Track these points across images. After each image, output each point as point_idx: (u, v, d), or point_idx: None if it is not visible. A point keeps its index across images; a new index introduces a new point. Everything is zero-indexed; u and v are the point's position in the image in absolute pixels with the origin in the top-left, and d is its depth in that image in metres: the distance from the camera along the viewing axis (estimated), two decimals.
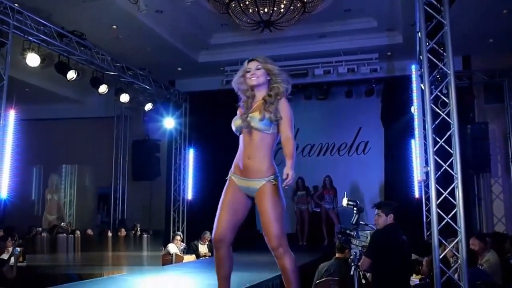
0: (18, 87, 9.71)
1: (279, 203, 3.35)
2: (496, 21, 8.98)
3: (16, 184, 7.53)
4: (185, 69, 11.84)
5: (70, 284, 5.88)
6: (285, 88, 3.45)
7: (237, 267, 7.27)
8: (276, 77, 3.45)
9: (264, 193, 3.38)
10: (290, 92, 3.52)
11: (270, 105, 3.40)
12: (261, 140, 3.51)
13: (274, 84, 3.46)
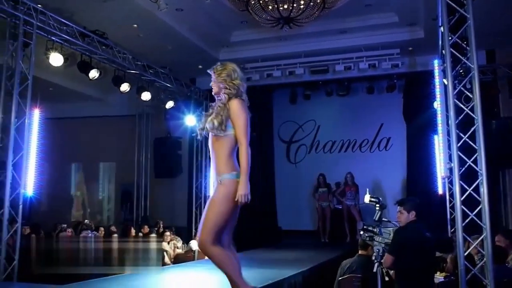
0: (42, 87, 9.87)
1: (216, 204, 3.47)
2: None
3: (41, 181, 7.67)
4: (205, 67, 11.66)
5: (93, 280, 5.96)
6: (229, 93, 3.57)
7: (259, 264, 7.34)
8: (226, 84, 3.62)
9: (214, 192, 3.54)
10: (240, 93, 3.62)
11: (221, 109, 3.54)
12: (217, 142, 3.59)
13: (222, 92, 3.63)
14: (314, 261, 7.42)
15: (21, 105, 7.09)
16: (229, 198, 3.45)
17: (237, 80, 3.62)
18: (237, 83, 3.60)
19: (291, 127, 12.85)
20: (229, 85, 3.58)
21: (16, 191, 6.89)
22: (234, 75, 3.63)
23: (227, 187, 3.47)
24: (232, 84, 3.59)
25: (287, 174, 12.72)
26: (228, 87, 3.59)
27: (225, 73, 3.64)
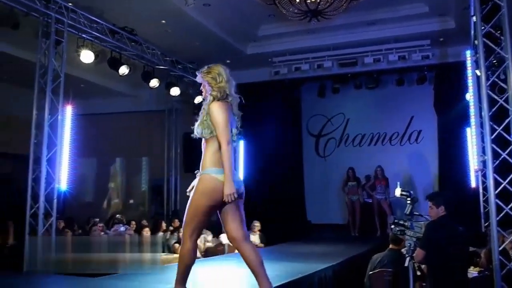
0: (74, 84, 10.04)
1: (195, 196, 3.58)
2: None
3: (74, 176, 7.84)
4: (233, 61, 11.83)
5: (128, 274, 6.06)
6: (214, 96, 3.63)
7: (289, 257, 7.33)
8: (211, 87, 3.70)
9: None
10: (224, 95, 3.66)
11: (205, 113, 3.63)
12: (204, 144, 3.69)
13: (208, 94, 3.72)
14: (344, 255, 7.38)
15: (54, 102, 7.26)
16: (203, 192, 3.55)
17: (222, 83, 3.66)
18: (222, 86, 3.65)
19: (320, 120, 12.77)
20: (214, 88, 3.64)
21: (50, 186, 7.07)
22: (219, 78, 3.68)
23: (202, 182, 3.55)
24: (217, 88, 3.64)
25: (316, 168, 12.66)
26: (213, 90, 3.66)
27: (210, 77, 3.70)
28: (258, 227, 9.88)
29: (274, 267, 6.24)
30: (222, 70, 3.75)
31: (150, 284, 4.97)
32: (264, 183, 12.19)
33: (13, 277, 5.78)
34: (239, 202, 3.66)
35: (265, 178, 12.22)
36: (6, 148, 12.39)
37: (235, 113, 3.72)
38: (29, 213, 6.96)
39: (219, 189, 3.47)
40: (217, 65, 3.81)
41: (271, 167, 12.28)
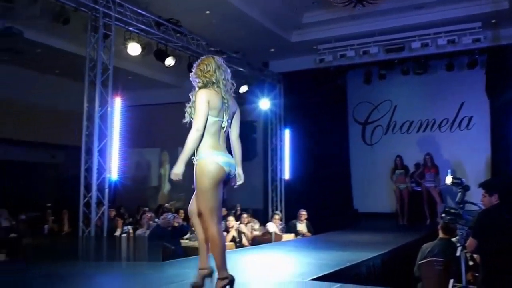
0: (122, 76, 10.28)
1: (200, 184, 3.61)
2: None
3: (124, 166, 8.05)
4: (278, 50, 11.85)
5: (177, 260, 6.19)
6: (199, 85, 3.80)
7: (337, 246, 7.30)
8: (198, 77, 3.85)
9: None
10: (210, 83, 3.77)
11: (192, 101, 3.80)
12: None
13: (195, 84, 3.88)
14: (392, 244, 7.29)
15: (104, 94, 7.45)
16: (203, 176, 3.60)
17: (209, 72, 3.79)
18: (209, 75, 3.78)
19: (366, 108, 12.57)
20: (200, 78, 3.79)
21: (102, 175, 7.28)
22: (206, 68, 3.81)
23: (199, 167, 3.64)
24: (203, 77, 3.78)
25: (362, 156, 12.49)
26: (199, 80, 3.81)
27: (198, 68, 3.85)
28: (305, 216, 9.88)
29: (321, 256, 6.25)
30: (212, 60, 3.88)
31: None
32: (310, 171, 12.15)
33: (69, 264, 5.99)
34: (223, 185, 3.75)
35: (311, 167, 12.18)
36: (59, 139, 12.87)
37: (225, 97, 3.77)
38: (83, 202, 7.21)
39: (217, 169, 3.60)
40: (208, 57, 3.97)
41: (317, 155, 12.21)
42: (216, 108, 3.68)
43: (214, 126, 3.69)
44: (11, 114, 12.11)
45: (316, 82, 12.10)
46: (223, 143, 3.75)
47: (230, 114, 3.80)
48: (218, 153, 3.64)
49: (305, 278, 4.66)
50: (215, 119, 3.68)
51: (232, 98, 3.89)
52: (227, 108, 3.75)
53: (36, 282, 4.56)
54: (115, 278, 4.55)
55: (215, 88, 3.76)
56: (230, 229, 8.69)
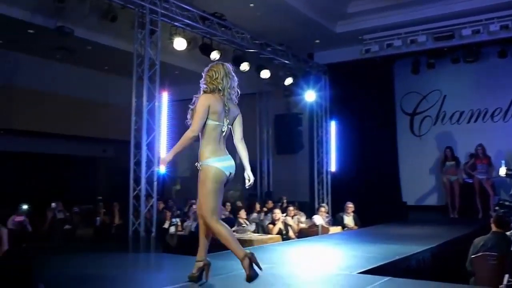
0: (168, 71, 10.44)
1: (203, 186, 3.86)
2: None
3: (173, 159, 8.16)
4: (323, 41, 11.73)
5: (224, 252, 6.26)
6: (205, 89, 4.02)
7: (385, 239, 7.20)
8: (206, 83, 4.05)
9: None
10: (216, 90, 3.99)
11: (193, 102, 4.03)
12: (201, 132, 3.95)
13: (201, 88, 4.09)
14: (443, 238, 7.11)
15: (151, 89, 7.60)
16: (207, 180, 3.85)
17: (217, 80, 4.00)
18: (216, 82, 3.98)
19: (414, 98, 12.28)
20: (208, 84, 4.00)
21: (150, 169, 7.44)
22: (215, 75, 4.03)
23: (203, 172, 3.88)
24: (211, 84, 3.99)
25: (411, 147, 12.22)
26: (206, 85, 4.02)
27: (207, 75, 4.08)
28: (352, 209, 9.78)
29: (369, 249, 6.19)
30: (221, 68, 4.09)
31: None
32: (357, 164, 12.01)
33: (120, 255, 6.17)
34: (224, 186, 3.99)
35: (358, 159, 12.04)
36: (110, 134, 13.24)
37: (226, 104, 3.96)
38: (132, 195, 7.39)
39: (218, 173, 3.86)
40: (218, 64, 4.17)
41: (364, 147, 12.05)
42: (216, 113, 3.88)
43: (215, 131, 3.91)
44: (64, 110, 12.55)
45: (362, 72, 11.91)
46: (223, 147, 3.99)
47: (230, 120, 4.01)
48: (219, 158, 3.89)
49: (352, 271, 4.62)
50: (216, 123, 3.89)
51: (234, 104, 4.09)
52: (227, 114, 3.95)
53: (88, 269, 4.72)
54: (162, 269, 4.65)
55: (220, 94, 3.97)
56: (277, 221, 8.71)
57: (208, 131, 3.90)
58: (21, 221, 7.74)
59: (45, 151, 13.36)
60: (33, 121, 12.04)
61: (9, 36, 10.22)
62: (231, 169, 3.97)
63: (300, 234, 9.03)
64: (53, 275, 4.34)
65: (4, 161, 12.55)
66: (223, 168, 3.88)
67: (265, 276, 4.48)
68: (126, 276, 4.51)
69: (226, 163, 3.92)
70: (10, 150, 12.73)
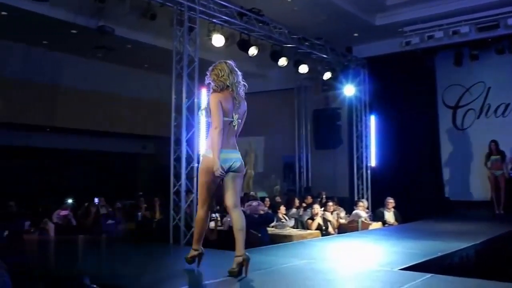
0: (207, 67, 10.49)
1: (198, 175, 4.24)
2: None
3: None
4: (361, 34, 11.57)
5: (265, 247, 6.28)
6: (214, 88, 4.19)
7: (428, 235, 7.07)
8: (213, 82, 4.22)
9: None
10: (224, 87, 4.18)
11: (207, 102, 4.26)
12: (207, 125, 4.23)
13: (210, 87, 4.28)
14: (487, 234, 6.91)
15: (190, 86, 7.67)
16: (202, 171, 4.16)
17: (223, 77, 4.18)
18: (223, 79, 4.17)
19: (457, 91, 11.96)
20: (215, 83, 4.18)
21: (190, 165, 7.52)
22: (221, 73, 4.19)
23: (201, 162, 4.19)
24: (219, 81, 4.17)
25: (454, 141, 11.92)
26: (214, 84, 4.19)
27: (213, 74, 4.23)
28: (392, 204, 9.63)
29: (410, 245, 6.09)
30: (224, 66, 4.26)
31: (285, 258, 5.11)
32: (398, 158, 11.80)
33: (161, 249, 6.27)
34: (235, 176, 4.17)
35: (399, 153, 11.82)
36: (150, 131, 13.48)
37: (236, 98, 4.18)
38: (173, 190, 7.49)
39: (210, 163, 4.04)
40: (221, 62, 4.32)
41: (405, 141, 11.83)
42: (226, 109, 4.11)
43: (224, 126, 4.11)
44: (105, 108, 12.86)
45: (402, 65, 11.69)
46: (231, 141, 4.19)
47: (240, 114, 4.24)
48: (220, 150, 4.03)
49: (393, 268, 4.55)
50: (225, 119, 4.10)
51: (243, 98, 4.29)
52: (238, 108, 4.19)
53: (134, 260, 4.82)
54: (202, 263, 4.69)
55: (229, 90, 4.17)
56: (315, 216, 8.67)
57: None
58: (66, 215, 7.98)
59: (88, 148, 13.73)
60: (76, 119, 12.39)
61: (53, 37, 10.54)
62: (230, 161, 4.10)
63: (340, 230, 8.97)
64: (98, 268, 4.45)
65: (49, 158, 12.97)
66: (221, 161, 4.02)
67: (304, 271, 4.48)
68: (167, 270, 4.59)
69: (225, 156, 4.07)
70: (55, 147, 13.14)
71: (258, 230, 7.27)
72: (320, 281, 4.08)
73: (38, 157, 12.75)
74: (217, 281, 4.02)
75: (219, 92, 4.15)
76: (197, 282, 3.95)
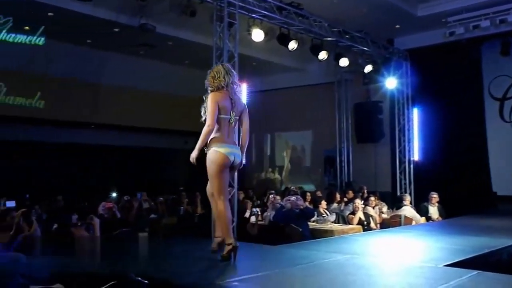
0: (246, 62, 10.55)
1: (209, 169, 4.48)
2: None
3: (252, 150, 8.29)
4: (403, 26, 11.32)
5: (305, 242, 6.27)
6: (210, 89, 4.54)
7: (474, 231, 6.89)
8: (209, 83, 4.57)
9: None
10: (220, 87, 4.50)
11: (205, 102, 4.57)
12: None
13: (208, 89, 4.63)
14: None
15: None
16: (213, 165, 4.42)
17: (219, 78, 4.50)
18: (218, 81, 4.50)
19: (504, 82, 11.55)
20: (211, 84, 4.54)
21: None
22: (217, 75, 4.53)
23: (209, 156, 4.45)
24: (215, 83, 4.51)
25: (501, 134, 11.53)
26: (211, 85, 4.54)
27: (210, 76, 4.57)
28: (437, 199, 9.43)
29: (456, 241, 5.94)
30: (221, 68, 4.60)
31: (326, 253, 5.07)
32: (442, 152, 11.52)
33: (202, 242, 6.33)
34: (233, 169, 4.67)
35: (443, 147, 11.54)
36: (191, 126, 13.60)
37: (232, 98, 4.50)
38: None
39: (222, 157, 4.39)
40: (218, 65, 4.82)
41: (449, 134, 11.53)
42: (224, 108, 4.44)
43: (223, 123, 4.45)
44: (147, 104, 13.10)
45: (446, 57, 11.38)
46: (230, 136, 4.53)
47: (237, 112, 4.54)
48: (223, 145, 4.42)
49: (438, 264, 4.45)
50: (223, 116, 4.44)
51: (239, 98, 4.65)
52: (235, 106, 4.50)
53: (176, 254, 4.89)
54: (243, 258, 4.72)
55: (224, 90, 4.49)
56: (357, 211, 8.57)
57: (217, 123, 4.44)
58: (111, 207, 8.16)
59: (130, 144, 14.01)
60: (119, 116, 12.67)
61: (96, 36, 10.79)
62: (233, 155, 4.46)
63: (382, 225, 8.84)
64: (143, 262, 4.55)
65: (93, 154, 13.32)
66: (226, 153, 4.40)
67: (346, 266, 4.44)
68: (210, 264, 4.63)
69: (229, 150, 4.43)
70: (99, 143, 13.48)
71: (299, 225, 7.25)
72: (362, 276, 4.03)
73: (83, 153, 13.11)
74: (258, 275, 4.03)
75: (216, 91, 4.49)
76: (239, 276, 3.96)
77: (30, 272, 3.54)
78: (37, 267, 3.92)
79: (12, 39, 10.03)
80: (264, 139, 15.37)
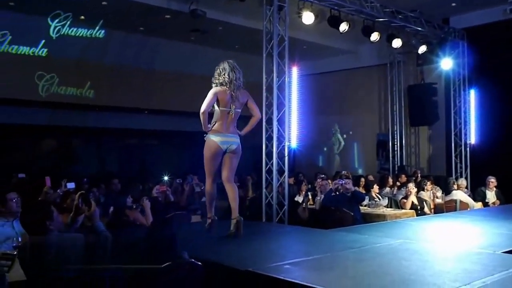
0: (297, 46, 10.47)
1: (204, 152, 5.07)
2: None
3: (302, 134, 8.28)
4: (459, 3, 10.89)
5: (357, 226, 6.23)
6: (214, 84, 5.07)
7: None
8: (214, 79, 5.10)
9: None
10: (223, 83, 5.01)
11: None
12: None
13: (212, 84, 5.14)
14: None
15: (281, 65, 7.69)
16: (205, 150, 5.03)
17: (224, 75, 5.02)
18: (223, 77, 5.01)
19: None
20: (216, 80, 5.06)
21: (281, 144, 7.59)
22: (222, 72, 5.05)
23: (205, 144, 5.03)
24: (218, 79, 5.03)
25: None
26: (216, 81, 5.05)
27: (216, 72, 5.10)
28: (494, 183, 9.13)
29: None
30: (227, 65, 5.11)
31: (379, 237, 5.02)
32: (500, 134, 11.07)
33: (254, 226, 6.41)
34: (232, 157, 5.09)
35: (502, 130, 11.07)
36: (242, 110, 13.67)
37: (233, 93, 4.96)
38: (265, 169, 7.62)
39: (213, 144, 4.95)
40: (224, 62, 5.18)
41: (508, 117, 11.05)
42: (223, 101, 4.93)
43: (222, 114, 4.95)
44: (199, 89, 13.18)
45: (506, 35, 10.87)
46: (230, 126, 5.00)
47: (238, 105, 5.02)
48: (219, 134, 4.93)
49: (496, 250, 4.32)
50: (223, 109, 4.94)
51: (242, 91, 5.09)
52: (236, 100, 4.97)
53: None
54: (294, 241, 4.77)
55: (227, 86, 4.96)
56: (410, 195, 8.40)
57: (217, 114, 4.96)
58: (165, 190, 8.35)
59: (183, 128, 14.25)
60: (172, 101, 12.90)
61: (148, 23, 10.99)
62: (227, 144, 4.96)
63: (436, 210, 8.65)
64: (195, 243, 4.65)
65: (147, 138, 13.66)
66: (220, 143, 4.92)
67: (399, 251, 4.39)
68: (261, 247, 4.69)
69: (223, 139, 4.94)
70: (152, 128, 13.81)
71: (350, 209, 7.19)
72: (416, 261, 3.96)
73: (137, 138, 13.47)
74: (309, 258, 4.05)
75: (219, 86, 4.97)
76: (291, 259, 3.99)
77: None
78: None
79: (74, 33, 10.43)
80: (316, 122, 15.27)
